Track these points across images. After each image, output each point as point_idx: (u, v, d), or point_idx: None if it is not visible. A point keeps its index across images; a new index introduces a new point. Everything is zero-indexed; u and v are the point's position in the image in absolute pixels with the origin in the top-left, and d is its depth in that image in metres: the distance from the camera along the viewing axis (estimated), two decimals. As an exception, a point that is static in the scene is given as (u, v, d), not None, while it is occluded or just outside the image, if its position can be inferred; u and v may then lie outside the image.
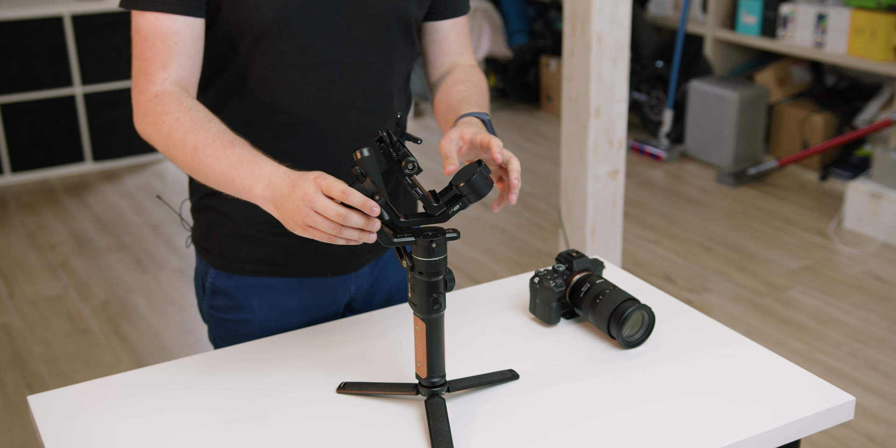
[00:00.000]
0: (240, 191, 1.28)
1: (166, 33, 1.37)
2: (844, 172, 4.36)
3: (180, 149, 1.32)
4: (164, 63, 1.37)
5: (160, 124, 1.34)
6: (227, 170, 1.28)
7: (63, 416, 1.37)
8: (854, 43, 4.20)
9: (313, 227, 1.19)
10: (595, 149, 2.76)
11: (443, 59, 1.63)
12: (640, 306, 1.48)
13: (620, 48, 2.70)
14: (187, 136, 1.31)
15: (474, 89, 1.55)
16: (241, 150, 1.29)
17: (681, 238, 3.98)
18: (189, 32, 1.38)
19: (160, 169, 4.95)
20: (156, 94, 1.36)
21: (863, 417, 2.74)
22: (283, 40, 1.42)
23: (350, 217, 1.17)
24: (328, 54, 1.45)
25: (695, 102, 4.73)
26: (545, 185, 4.58)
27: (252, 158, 1.28)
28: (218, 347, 1.66)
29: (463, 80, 1.57)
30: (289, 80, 1.45)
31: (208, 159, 1.30)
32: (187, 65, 1.39)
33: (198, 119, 1.33)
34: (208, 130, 1.31)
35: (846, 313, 3.33)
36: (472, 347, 1.52)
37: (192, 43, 1.39)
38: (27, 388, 3.00)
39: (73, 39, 4.67)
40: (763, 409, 1.35)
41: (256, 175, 1.26)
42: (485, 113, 1.48)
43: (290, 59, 1.43)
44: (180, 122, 1.32)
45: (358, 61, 1.47)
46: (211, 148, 1.30)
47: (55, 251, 4.01)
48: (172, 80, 1.37)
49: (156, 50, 1.37)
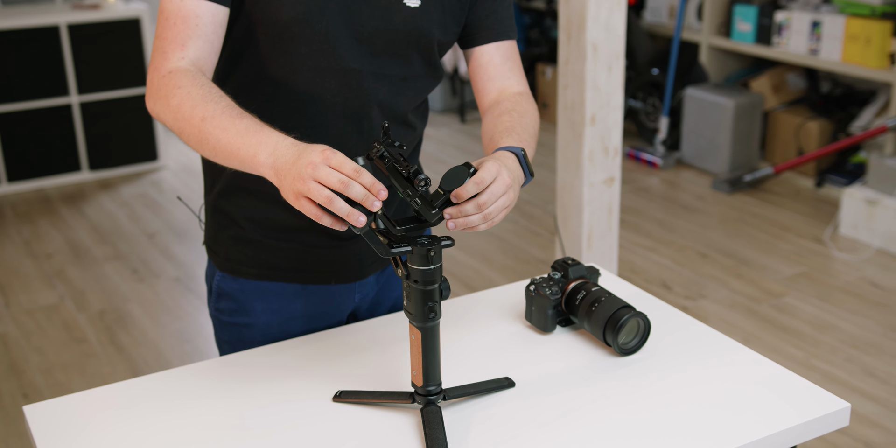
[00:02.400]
0: (244, 160, 1.28)
1: (188, 15, 1.37)
2: (840, 179, 4.37)
3: (188, 121, 1.32)
4: (182, 43, 1.38)
5: (171, 97, 1.34)
6: (232, 139, 1.28)
7: (59, 427, 1.37)
8: (849, 50, 4.21)
9: (307, 198, 1.19)
10: (591, 156, 2.76)
11: (489, 85, 1.58)
12: (635, 314, 1.48)
13: (616, 56, 2.71)
14: (196, 108, 1.32)
15: (518, 119, 1.50)
16: (248, 121, 1.30)
17: (677, 245, 3.98)
18: (211, 18, 1.39)
19: (157, 178, 4.95)
20: (170, 71, 1.37)
21: (860, 424, 2.74)
22: (304, 43, 1.42)
23: (352, 186, 1.16)
24: (349, 62, 1.45)
25: (690, 109, 4.74)
26: (541, 192, 4.58)
27: (259, 128, 1.28)
28: (222, 350, 1.67)
29: (508, 110, 1.52)
30: (306, 83, 1.45)
31: (215, 129, 1.30)
32: (205, 48, 1.39)
33: (209, 93, 1.33)
34: (218, 103, 1.32)
35: (842, 320, 3.34)
36: (468, 355, 1.52)
37: (213, 28, 1.39)
38: (23, 397, 3.00)
39: (69, 49, 4.68)
40: (758, 416, 1.35)
41: (262, 143, 1.26)
42: (520, 148, 1.43)
43: (310, 63, 1.44)
44: (191, 95, 1.33)
45: (377, 73, 1.47)
46: (219, 118, 1.30)
47: (51, 260, 4.00)
48: (189, 60, 1.38)
49: (176, 29, 1.38)
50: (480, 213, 1.27)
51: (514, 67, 1.60)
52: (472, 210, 1.27)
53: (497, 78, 1.58)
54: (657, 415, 1.36)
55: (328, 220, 1.20)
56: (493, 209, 1.28)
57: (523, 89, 1.60)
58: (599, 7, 2.63)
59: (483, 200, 1.27)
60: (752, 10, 4.62)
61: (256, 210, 1.56)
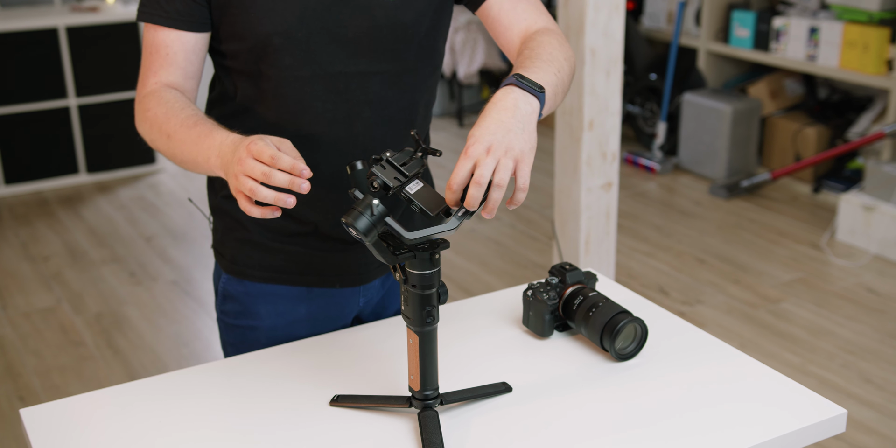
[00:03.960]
0: (204, 167, 1.33)
1: (159, 45, 1.45)
2: (837, 185, 4.38)
3: (160, 140, 1.40)
4: (155, 71, 1.46)
5: (144, 122, 1.43)
6: (191, 149, 1.34)
7: (55, 430, 1.37)
8: (846, 56, 4.22)
9: (240, 191, 1.22)
10: (588, 161, 2.77)
11: (510, 34, 1.49)
12: (632, 319, 1.48)
13: (614, 61, 2.71)
14: (163, 126, 1.39)
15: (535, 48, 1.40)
16: (200, 126, 1.35)
17: (674, 250, 3.99)
18: (181, 46, 1.45)
19: (154, 181, 4.95)
20: (144, 95, 1.45)
21: (856, 430, 2.74)
22: (286, 54, 1.43)
23: (273, 175, 1.19)
24: (332, 66, 1.45)
25: (688, 115, 4.74)
26: (540, 197, 4.58)
27: (208, 132, 1.33)
28: (227, 352, 1.67)
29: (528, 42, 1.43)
30: (294, 93, 1.46)
31: (179, 144, 1.36)
32: (178, 74, 1.46)
33: (171, 109, 1.39)
34: (178, 117, 1.38)
35: (839, 325, 3.34)
36: (466, 360, 1.52)
37: (185, 56, 1.46)
38: (19, 400, 3.00)
39: (67, 51, 4.68)
40: (755, 422, 1.35)
41: (210, 147, 1.31)
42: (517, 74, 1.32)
43: (295, 73, 1.45)
44: (157, 115, 1.40)
45: (363, 73, 1.47)
46: (179, 133, 1.36)
47: (48, 263, 4.00)
48: (161, 83, 1.45)
49: (150, 59, 1.47)
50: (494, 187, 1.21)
51: (527, 7, 1.51)
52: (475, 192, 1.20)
53: (514, 25, 1.50)
54: (653, 420, 1.36)
55: (258, 212, 1.22)
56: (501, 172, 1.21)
57: (543, 25, 1.49)
58: (598, 12, 2.63)
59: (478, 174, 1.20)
60: (750, 15, 4.63)
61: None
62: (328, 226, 1.55)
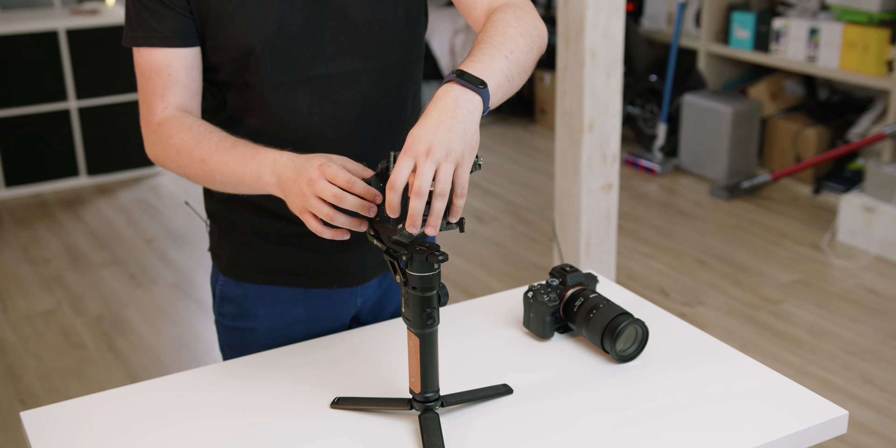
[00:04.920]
0: (251, 184, 1.34)
1: (159, 67, 1.43)
2: (837, 186, 4.38)
3: (191, 165, 1.39)
4: (161, 94, 1.44)
5: (168, 149, 1.42)
6: (235, 168, 1.35)
7: (56, 433, 1.37)
8: (846, 57, 4.22)
9: (310, 212, 1.24)
10: (589, 163, 2.77)
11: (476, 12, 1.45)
12: (633, 321, 1.48)
13: (614, 62, 2.71)
14: (194, 152, 1.38)
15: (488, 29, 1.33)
16: (243, 148, 1.36)
17: (675, 251, 3.99)
18: (181, 63, 1.44)
19: (154, 183, 4.95)
20: (159, 123, 1.43)
21: (857, 431, 2.74)
22: (268, 61, 1.43)
23: (346, 198, 1.21)
24: (314, 70, 1.45)
25: (688, 116, 4.74)
26: (540, 198, 4.58)
27: (255, 152, 1.34)
28: (225, 354, 1.67)
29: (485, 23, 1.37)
30: (279, 100, 1.46)
31: (217, 166, 1.36)
32: (184, 93, 1.45)
33: (199, 133, 1.39)
34: (210, 140, 1.38)
35: (840, 326, 3.34)
36: (466, 362, 1.52)
37: (186, 72, 1.45)
38: (20, 403, 2.99)
39: (67, 54, 4.68)
40: (756, 424, 1.35)
41: (261, 165, 1.32)
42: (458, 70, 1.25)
43: (278, 80, 1.45)
44: (185, 141, 1.39)
45: (346, 73, 1.47)
46: (216, 155, 1.36)
47: (49, 265, 4.00)
48: (172, 108, 1.44)
49: (153, 83, 1.44)
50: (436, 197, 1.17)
51: None
52: (417, 205, 1.16)
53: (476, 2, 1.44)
54: (655, 422, 1.36)
55: (329, 233, 1.26)
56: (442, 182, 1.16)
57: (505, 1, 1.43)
58: (598, 13, 2.63)
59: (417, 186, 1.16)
60: (750, 17, 4.63)
61: (256, 217, 1.56)
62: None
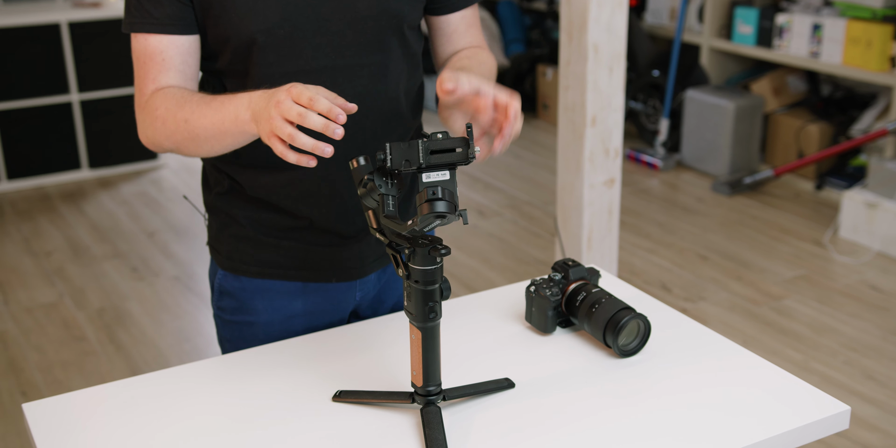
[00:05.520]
0: (230, 128, 1.34)
1: (153, 52, 1.44)
2: (840, 182, 4.37)
3: (177, 130, 1.40)
4: (154, 78, 1.45)
5: (155, 121, 1.42)
6: (214, 117, 1.35)
7: (58, 425, 1.37)
8: (850, 53, 4.21)
9: (276, 135, 1.22)
10: (591, 158, 2.76)
11: (448, 48, 1.62)
12: (635, 315, 1.48)
13: (617, 57, 2.71)
14: (178, 114, 1.39)
15: (476, 65, 1.51)
16: (221, 97, 1.37)
17: (677, 247, 3.98)
18: (176, 50, 1.44)
19: (157, 176, 4.94)
20: (147, 101, 1.44)
21: (858, 427, 2.74)
22: (271, 51, 1.43)
23: (309, 116, 1.20)
24: (317, 61, 1.45)
25: (691, 112, 4.74)
26: (542, 193, 4.58)
27: (231, 96, 1.35)
28: (224, 348, 1.67)
29: (467, 56, 1.55)
30: None
31: (200, 121, 1.37)
32: (177, 77, 1.45)
33: (182, 98, 1.40)
34: (191, 101, 1.39)
35: (842, 323, 3.34)
36: (468, 356, 1.52)
37: (182, 59, 1.45)
38: (22, 395, 3.00)
39: (70, 47, 4.67)
40: (758, 419, 1.35)
41: (238, 105, 1.32)
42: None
43: (280, 70, 1.44)
44: (169, 109, 1.40)
45: (350, 66, 1.47)
46: (198, 111, 1.37)
47: (51, 258, 4.00)
48: (160, 87, 1.45)
49: (146, 68, 1.45)
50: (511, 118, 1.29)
51: (475, 32, 1.63)
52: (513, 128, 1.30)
53: (457, 43, 1.61)
54: (656, 416, 1.36)
55: (293, 157, 1.23)
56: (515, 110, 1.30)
57: (481, 43, 1.62)
58: (601, 8, 2.63)
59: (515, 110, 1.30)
60: (753, 12, 4.62)
61: (254, 211, 1.56)
62: (323, 220, 1.54)
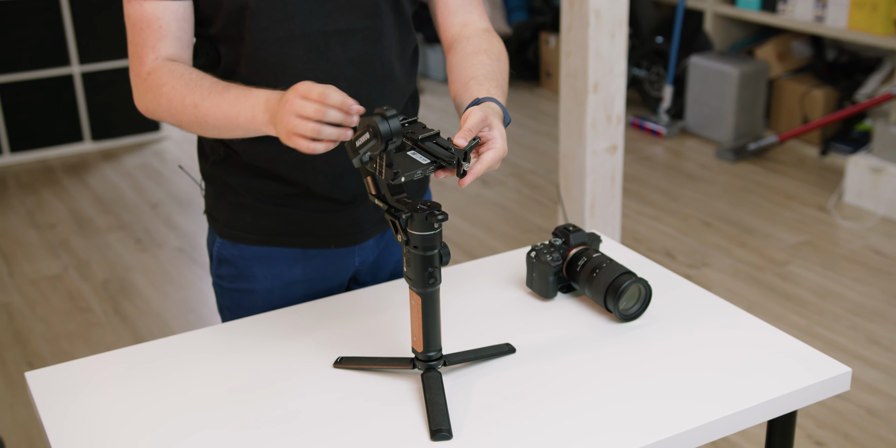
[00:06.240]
0: (245, 125, 1.34)
1: (150, 18, 1.43)
2: (845, 147, 4.35)
3: (183, 112, 1.39)
4: (152, 46, 1.44)
5: (159, 96, 1.41)
6: (228, 111, 1.35)
7: (61, 392, 1.38)
8: (855, 17, 4.17)
9: (296, 134, 1.23)
10: (593, 124, 2.75)
11: (451, 18, 1.58)
12: (636, 280, 1.48)
13: (619, 23, 2.69)
14: (186, 98, 1.38)
15: (496, 64, 1.50)
16: (235, 90, 1.36)
17: (681, 214, 3.98)
18: (173, 15, 1.43)
19: (159, 148, 4.94)
20: (149, 72, 1.43)
21: (861, 390, 2.75)
22: (264, 16, 1.43)
23: (327, 112, 1.21)
24: (310, 26, 1.45)
25: (695, 78, 4.71)
26: (545, 161, 4.57)
27: (247, 93, 1.34)
28: (224, 317, 1.68)
29: (485, 49, 1.52)
30: (274, 55, 1.45)
31: (210, 110, 1.36)
32: (175, 45, 1.45)
33: (191, 80, 1.39)
34: (202, 86, 1.38)
35: (846, 287, 3.34)
36: (469, 322, 1.52)
37: (178, 25, 1.44)
38: (28, 366, 3.01)
39: (69, 18, 4.65)
40: (759, 380, 1.35)
41: (255, 105, 1.32)
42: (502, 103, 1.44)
43: (273, 35, 1.44)
44: (176, 89, 1.39)
45: (342, 31, 1.46)
46: (209, 99, 1.36)
47: (55, 230, 4.01)
48: (163, 58, 1.44)
49: (143, 35, 1.44)
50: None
51: (475, 1, 1.60)
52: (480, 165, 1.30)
53: (458, 11, 1.58)
54: (657, 379, 1.36)
55: (322, 147, 1.24)
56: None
57: (488, 25, 1.60)
58: (602, -27, 2.60)
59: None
60: (757, -24, 4.58)
61: (251, 178, 1.56)
62: (320, 186, 1.54)
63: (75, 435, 1.29)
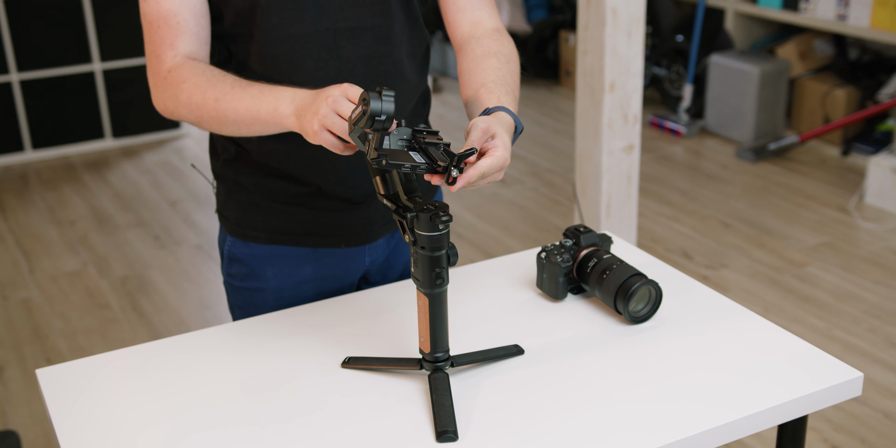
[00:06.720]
0: (266, 118, 1.33)
1: (168, 15, 1.42)
2: (866, 147, 4.31)
3: (203, 107, 1.38)
4: (171, 43, 1.43)
5: (179, 93, 1.40)
6: (250, 104, 1.34)
7: (72, 389, 1.39)
8: (878, 15, 4.13)
9: (329, 129, 1.24)
10: (610, 124, 2.74)
11: (460, 16, 1.56)
12: (646, 281, 1.47)
13: (635, 21, 2.67)
14: (207, 93, 1.38)
15: (506, 67, 1.49)
16: (259, 86, 1.36)
17: (699, 214, 3.95)
18: (190, 11, 1.43)
19: (179, 145, 4.96)
20: (169, 70, 1.42)
21: (879, 394, 2.72)
22: (274, 13, 1.43)
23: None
24: (321, 23, 1.45)
25: (715, 77, 4.68)
26: (563, 160, 4.55)
27: (272, 88, 1.35)
28: (235, 315, 1.68)
29: (494, 52, 1.50)
30: (284, 53, 1.45)
31: (231, 103, 1.36)
32: (193, 41, 1.44)
33: (213, 76, 1.39)
34: (225, 82, 1.38)
35: (866, 290, 3.31)
36: (478, 322, 1.52)
37: (195, 21, 1.44)
38: (46, 362, 3.04)
39: (91, 16, 4.67)
40: (770, 384, 1.34)
41: (279, 97, 1.32)
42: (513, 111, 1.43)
43: (284, 32, 1.44)
44: (197, 85, 1.39)
45: (353, 28, 1.46)
46: (231, 93, 1.36)
47: (75, 227, 4.03)
48: (182, 55, 1.43)
49: (161, 32, 1.43)
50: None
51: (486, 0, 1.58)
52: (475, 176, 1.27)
53: (467, 9, 1.56)
54: (666, 382, 1.35)
55: (349, 151, 1.27)
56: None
57: (498, 24, 1.58)
58: (620, -29, 2.59)
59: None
60: (779, -25, 4.54)
61: (262, 177, 1.56)
62: (330, 186, 1.54)
63: (83, 431, 1.30)
